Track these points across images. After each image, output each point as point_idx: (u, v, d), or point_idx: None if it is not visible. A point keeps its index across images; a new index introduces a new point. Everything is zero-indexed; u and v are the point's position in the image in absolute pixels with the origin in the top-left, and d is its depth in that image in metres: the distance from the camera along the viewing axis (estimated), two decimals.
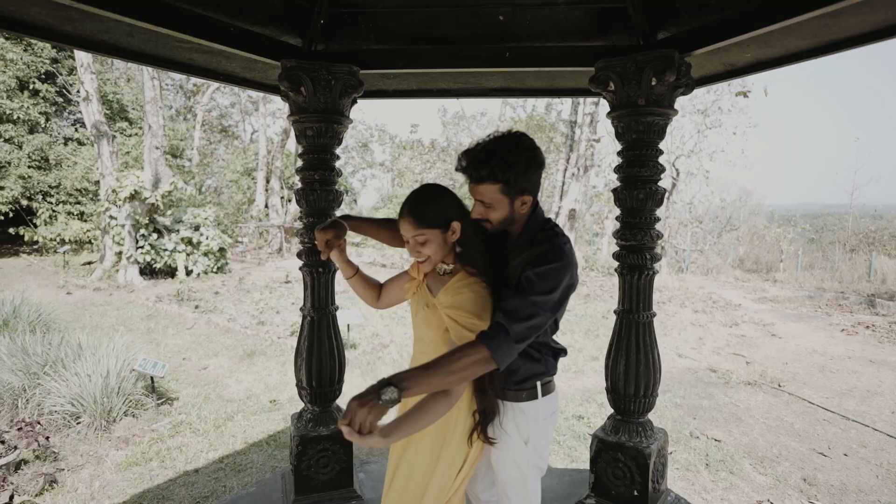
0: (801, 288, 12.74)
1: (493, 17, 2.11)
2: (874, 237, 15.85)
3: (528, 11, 2.08)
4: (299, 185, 2.26)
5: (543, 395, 1.52)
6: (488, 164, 1.38)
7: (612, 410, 2.28)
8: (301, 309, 2.33)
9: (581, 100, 16.12)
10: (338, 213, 2.36)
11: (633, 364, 2.14)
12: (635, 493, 2.12)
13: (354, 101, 2.27)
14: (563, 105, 21.97)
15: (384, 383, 1.20)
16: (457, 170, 1.45)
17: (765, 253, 16.45)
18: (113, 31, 1.85)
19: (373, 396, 1.17)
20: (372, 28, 2.15)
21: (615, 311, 2.26)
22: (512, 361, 1.49)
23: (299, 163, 2.26)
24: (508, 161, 1.38)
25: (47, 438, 3.75)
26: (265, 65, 2.24)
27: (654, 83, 1.95)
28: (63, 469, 3.55)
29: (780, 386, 5.61)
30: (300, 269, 2.30)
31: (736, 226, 19.24)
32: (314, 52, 2.20)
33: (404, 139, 25.16)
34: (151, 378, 4.55)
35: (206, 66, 2.22)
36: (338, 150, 2.28)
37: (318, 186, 2.20)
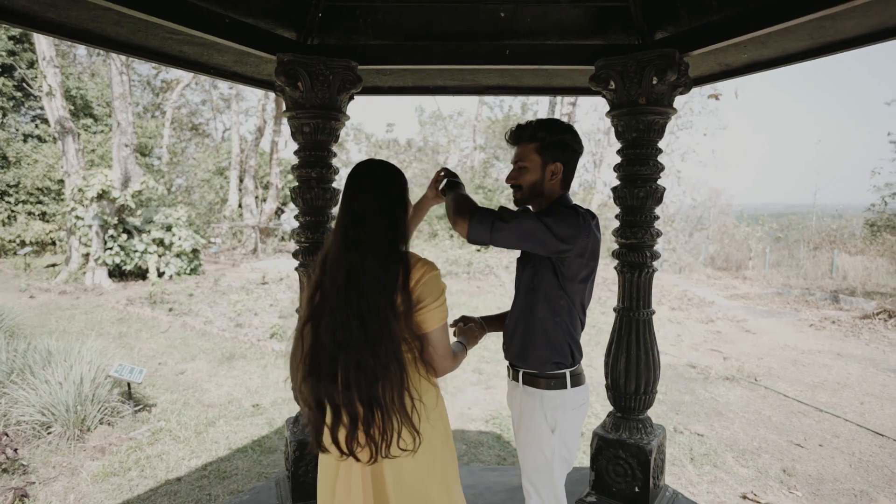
0: (769, 285, 13.17)
1: (493, 14, 2.09)
2: (835, 235, 16.54)
3: (530, 9, 2.07)
4: (296, 183, 2.19)
5: (573, 385, 1.57)
6: (530, 127, 1.61)
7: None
8: (297, 310, 2.26)
9: (558, 100, 16.31)
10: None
11: (633, 361, 2.15)
12: (636, 490, 2.13)
13: (352, 98, 2.22)
14: (539, 105, 22.22)
15: (454, 178, 1.69)
16: (505, 139, 1.67)
17: (734, 251, 16.97)
18: (100, 19, 1.75)
19: (445, 177, 1.71)
20: (370, 23, 2.10)
21: (615, 309, 2.27)
22: (536, 347, 1.55)
23: (295, 160, 2.19)
24: (545, 123, 1.61)
25: (15, 450, 3.56)
26: (258, 58, 2.18)
27: (655, 82, 1.97)
28: (34, 482, 3.38)
29: (756, 380, 5.77)
30: (296, 269, 2.23)
31: (706, 225, 19.77)
32: (310, 46, 2.14)
33: (380, 138, 24.97)
34: (128, 384, 4.37)
35: (196, 59, 2.13)
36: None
37: (315, 184, 2.14)
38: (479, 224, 1.42)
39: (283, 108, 2.10)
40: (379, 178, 1.35)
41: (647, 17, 2.03)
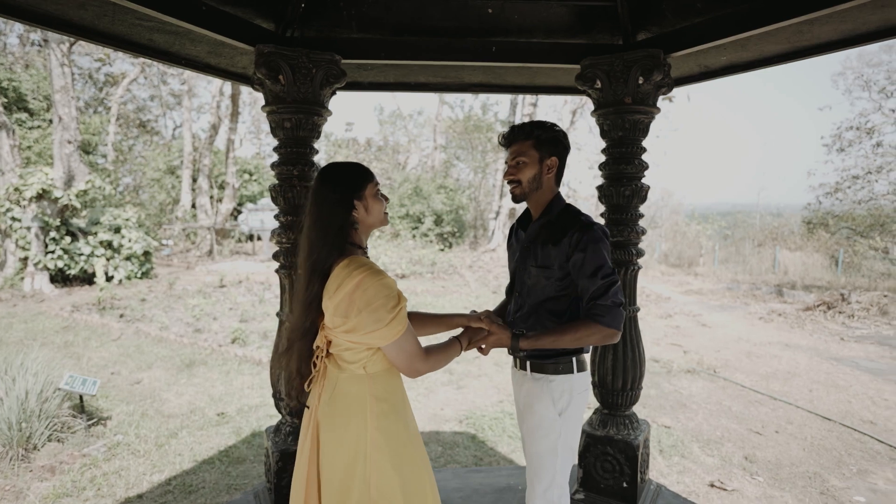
0: (719, 280, 13.82)
1: (481, 11, 2.06)
2: (777, 233, 17.55)
3: (517, 6, 2.05)
4: (276, 180, 2.09)
5: (579, 370, 1.63)
6: (525, 126, 1.70)
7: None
8: (278, 314, 2.16)
9: (519, 101, 16.53)
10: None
11: (620, 358, 2.17)
12: (624, 485, 2.16)
13: (334, 93, 2.14)
14: (500, 105, 22.44)
15: (517, 338, 1.55)
16: (499, 142, 1.73)
17: (686, 248, 17.69)
18: (62, 1, 1.60)
19: (507, 342, 1.55)
20: (354, 15, 2.03)
21: None
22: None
23: (275, 157, 2.09)
24: (538, 123, 1.70)
25: None
26: (233, 50, 2.06)
27: (641, 82, 2.00)
28: None
29: (715, 372, 6.02)
30: (277, 271, 2.13)
31: (659, 223, 20.53)
32: (289, 38, 2.05)
33: (339, 137, 24.55)
34: (80, 397, 4.08)
35: (167, 48, 1.99)
36: (317, 144, 2.14)
37: (297, 182, 2.05)
38: (616, 319, 1.52)
39: (240, 105, 1.99)
40: (315, 184, 1.40)
41: (633, 17, 2.06)
